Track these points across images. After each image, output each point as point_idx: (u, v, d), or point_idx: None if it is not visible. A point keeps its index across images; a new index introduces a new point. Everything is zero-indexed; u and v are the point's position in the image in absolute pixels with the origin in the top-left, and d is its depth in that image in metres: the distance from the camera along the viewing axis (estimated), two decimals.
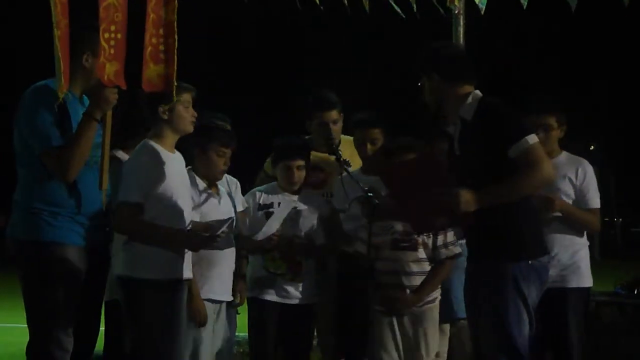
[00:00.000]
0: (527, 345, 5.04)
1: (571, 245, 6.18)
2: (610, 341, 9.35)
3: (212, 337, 5.99)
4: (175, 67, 5.33)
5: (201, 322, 5.89)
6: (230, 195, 6.27)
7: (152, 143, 5.46)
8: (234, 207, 6.24)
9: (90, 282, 5.35)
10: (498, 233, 5.08)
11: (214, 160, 6.05)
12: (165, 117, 5.47)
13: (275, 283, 6.24)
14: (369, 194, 5.56)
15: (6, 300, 12.23)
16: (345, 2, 7.82)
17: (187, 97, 5.54)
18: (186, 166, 5.86)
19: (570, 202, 6.22)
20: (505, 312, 5.02)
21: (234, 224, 5.90)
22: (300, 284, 6.26)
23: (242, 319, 6.48)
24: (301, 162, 6.31)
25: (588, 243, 6.35)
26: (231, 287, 6.12)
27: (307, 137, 6.90)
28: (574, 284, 6.18)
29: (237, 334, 6.53)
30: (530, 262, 5.05)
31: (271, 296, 6.24)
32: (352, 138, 6.68)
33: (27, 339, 5.32)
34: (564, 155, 6.33)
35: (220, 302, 6.06)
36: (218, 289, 6.01)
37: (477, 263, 5.19)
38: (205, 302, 5.93)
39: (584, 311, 6.27)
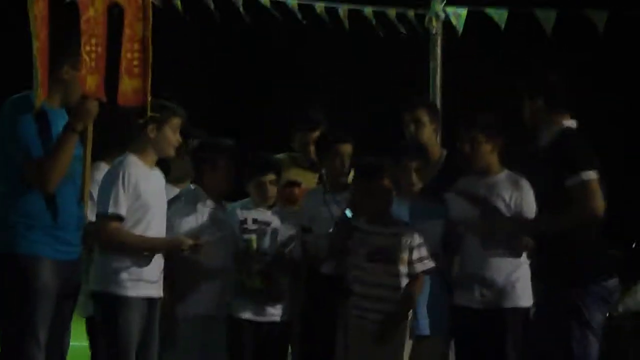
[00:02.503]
0: None
1: (506, 267, 6.05)
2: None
3: (201, 354, 6.02)
4: (150, 82, 5.37)
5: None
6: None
7: (134, 157, 5.51)
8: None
9: (62, 295, 5.33)
10: (558, 260, 5.35)
11: (224, 176, 6.13)
12: (152, 136, 5.53)
13: (252, 301, 6.23)
14: (348, 215, 5.64)
15: None
16: (326, 19, 7.89)
17: (176, 121, 5.64)
18: (191, 182, 6.13)
19: None
20: (569, 339, 5.28)
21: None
22: (278, 303, 6.26)
23: None
24: (273, 177, 6.34)
25: (528, 262, 6.15)
26: (221, 303, 6.14)
27: (292, 153, 6.93)
28: (509, 304, 6.03)
29: None
30: (591, 286, 5.24)
31: (248, 314, 6.22)
32: None
33: None
34: (504, 174, 6.14)
35: (210, 317, 6.07)
36: (206, 305, 6.05)
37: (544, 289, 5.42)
38: (194, 318, 5.98)
39: (522, 332, 6.04)
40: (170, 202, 6.11)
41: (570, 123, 5.57)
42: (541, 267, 5.50)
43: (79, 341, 5.72)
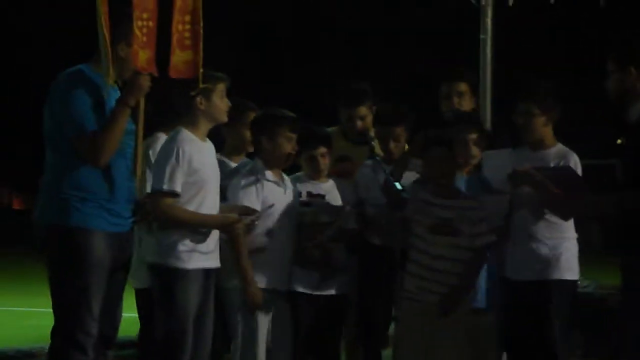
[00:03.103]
0: None
1: (552, 238, 6.03)
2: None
3: (267, 325, 6.01)
4: (202, 54, 5.39)
5: (254, 308, 5.92)
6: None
7: (187, 132, 5.57)
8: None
9: (115, 267, 5.39)
10: (631, 228, 5.16)
11: (283, 146, 6.11)
12: (202, 107, 5.58)
13: (308, 274, 6.16)
14: (399, 187, 5.61)
15: (31, 284, 12.37)
16: None
17: (221, 87, 5.67)
18: (247, 155, 6.13)
19: None
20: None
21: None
22: (335, 275, 6.20)
23: None
24: (324, 150, 6.32)
25: (575, 236, 6.15)
26: (287, 276, 6.11)
27: (338, 126, 6.92)
28: (555, 276, 6.01)
29: None
30: None
31: (304, 287, 6.16)
32: None
33: (52, 322, 5.36)
34: (555, 148, 6.08)
35: (276, 291, 6.05)
36: (274, 278, 6.04)
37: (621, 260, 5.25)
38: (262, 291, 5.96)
39: (568, 304, 6.06)
40: (230, 175, 6.12)
41: None
42: (627, 244, 5.24)
43: (128, 312, 5.75)
